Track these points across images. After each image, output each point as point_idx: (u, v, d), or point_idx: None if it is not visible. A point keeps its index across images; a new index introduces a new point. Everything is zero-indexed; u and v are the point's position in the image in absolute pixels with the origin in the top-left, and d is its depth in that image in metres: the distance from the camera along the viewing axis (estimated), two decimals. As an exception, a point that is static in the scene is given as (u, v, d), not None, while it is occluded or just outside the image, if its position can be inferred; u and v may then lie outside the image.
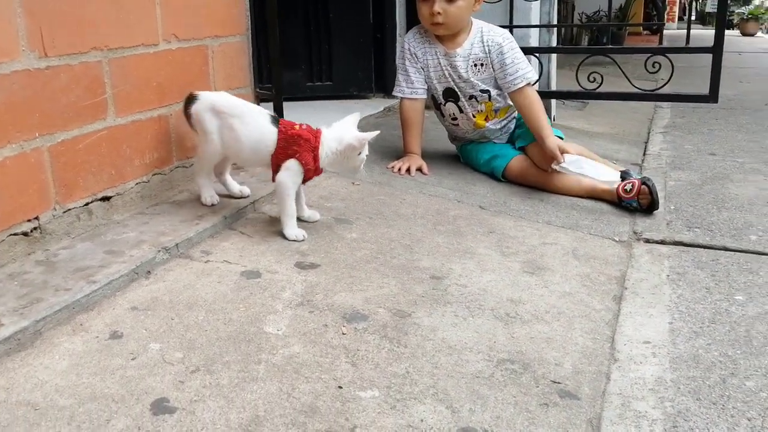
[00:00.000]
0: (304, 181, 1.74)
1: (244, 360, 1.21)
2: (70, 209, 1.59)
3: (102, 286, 1.38)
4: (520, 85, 2.29)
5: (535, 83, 2.42)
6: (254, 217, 1.86)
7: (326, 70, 3.46)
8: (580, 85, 2.91)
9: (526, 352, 1.29)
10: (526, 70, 2.31)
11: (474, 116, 2.43)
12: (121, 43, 1.67)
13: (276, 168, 1.71)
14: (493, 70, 2.35)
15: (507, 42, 2.33)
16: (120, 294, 1.41)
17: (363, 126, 2.63)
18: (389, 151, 2.55)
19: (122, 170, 1.73)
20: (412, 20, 3.43)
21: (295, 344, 1.27)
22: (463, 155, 2.55)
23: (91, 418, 1.04)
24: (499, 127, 2.48)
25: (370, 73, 3.48)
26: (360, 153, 1.73)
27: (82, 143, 1.60)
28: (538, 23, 3.26)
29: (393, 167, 2.35)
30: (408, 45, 2.41)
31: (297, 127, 1.72)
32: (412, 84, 2.40)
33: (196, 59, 1.95)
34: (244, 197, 1.89)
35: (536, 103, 2.31)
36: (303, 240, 1.71)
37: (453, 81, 2.39)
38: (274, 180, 1.71)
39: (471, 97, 2.40)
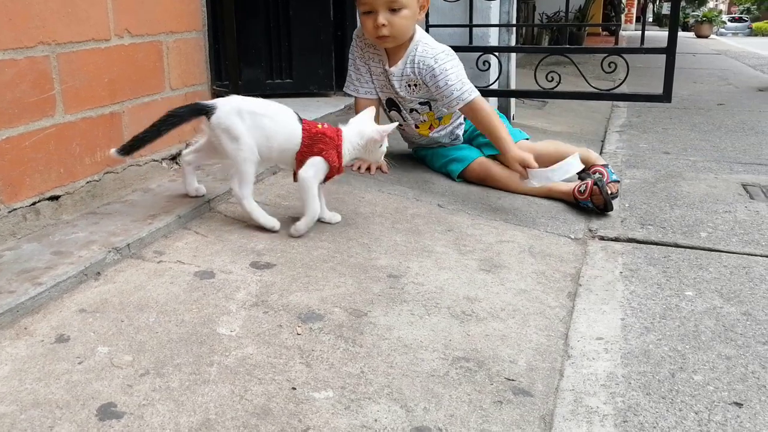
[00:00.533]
0: (326, 179, 1.74)
1: (195, 362, 1.19)
2: (15, 209, 1.54)
3: (48, 288, 1.34)
4: (458, 106, 2.18)
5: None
6: (210, 216, 1.83)
7: (286, 67, 3.43)
8: (538, 84, 2.93)
9: (481, 349, 1.29)
10: (462, 90, 2.16)
11: (417, 127, 2.41)
12: (70, 37, 1.63)
13: (300, 166, 1.71)
14: (430, 92, 2.27)
15: (439, 64, 2.18)
16: (67, 296, 1.38)
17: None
18: (348, 149, 2.53)
19: (72, 169, 1.69)
20: (372, 18, 3.42)
21: (249, 345, 1.25)
22: (419, 158, 2.55)
23: (34, 425, 1.01)
24: (444, 133, 2.43)
25: (330, 71, 3.46)
26: (381, 145, 1.77)
27: (29, 140, 1.55)
28: (497, 23, 3.28)
29: (352, 165, 2.33)
30: (356, 42, 2.35)
31: (320, 126, 1.73)
32: (366, 84, 2.36)
33: (149, 55, 1.91)
34: (199, 196, 1.86)
35: (486, 116, 2.17)
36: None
37: (393, 95, 2.35)
38: (295, 179, 1.74)
39: (412, 110, 2.37)
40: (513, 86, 3.41)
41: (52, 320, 1.29)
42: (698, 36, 18.32)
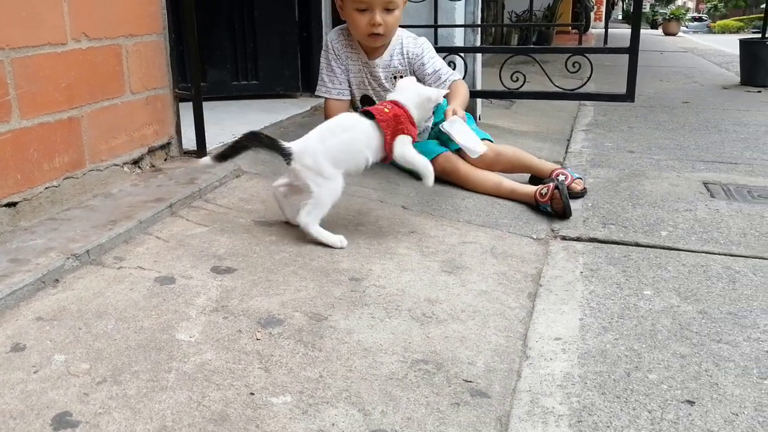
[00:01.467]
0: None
1: (153, 369, 1.19)
2: (-29, 216, 1.52)
3: (4, 296, 1.33)
4: (447, 87, 2.31)
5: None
6: (171, 221, 1.82)
7: (252, 68, 3.42)
8: (503, 84, 2.95)
9: (440, 351, 1.30)
10: (447, 74, 2.35)
11: None
12: (26, 42, 1.61)
13: (389, 149, 1.83)
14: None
15: (426, 51, 2.36)
16: (24, 304, 1.36)
17: (287, 126, 2.62)
18: (314, 151, 2.53)
19: (29, 175, 1.66)
20: (338, 19, 3.42)
21: (208, 351, 1.25)
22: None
23: (-15, 436, 0.99)
24: None
25: (296, 72, 3.46)
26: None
27: (-16, 147, 1.53)
28: (462, 23, 3.29)
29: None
30: (332, 45, 2.39)
31: (386, 109, 1.82)
32: (340, 84, 2.40)
33: (108, 59, 1.89)
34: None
35: (456, 91, 2.29)
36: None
37: (372, 89, 2.40)
38: (386, 161, 1.87)
39: None
40: (479, 86, 3.42)
41: (7, 329, 1.27)
42: (666, 33, 18.57)
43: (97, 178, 1.89)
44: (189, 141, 2.27)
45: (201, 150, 2.25)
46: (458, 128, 2.09)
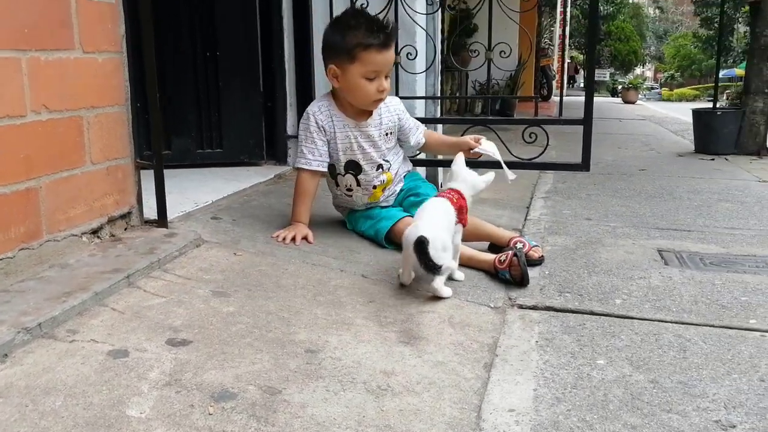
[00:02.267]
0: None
1: (101, 447, 1.16)
2: None
3: (-51, 373, 1.30)
4: (422, 138, 2.65)
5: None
6: (128, 292, 1.81)
7: (216, 137, 3.46)
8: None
9: (394, 426, 1.30)
10: (418, 125, 2.67)
11: (374, 188, 2.52)
12: (-17, 115, 1.62)
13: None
14: (397, 139, 2.59)
15: (403, 107, 2.63)
16: (-30, 380, 1.33)
17: (250, 194, 2.65)
18: (278, 219, 2.55)
19: (-17, 246, 1.65)
20: (303, 90, 3.50)
21: (158, 428, 1.23)
22: (350, 222, 2.59)
23: None
24: (389, 191, 2.58)
25: (261, 141, 3.51)
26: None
27: (-63, 219, 1.52)
28: (423, 95, 3.39)
29: (278, 236, 2.35)
30: (315, 118, 2.43)
31: (454, 199, 2.12)
32: (320, 157, 2.44)
33: (69, 130, 1.91)
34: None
35: (435, 135, 2.77)
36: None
37: (362, 151, 2.46)
38: None
39: (378, 167, 2.49)
40: (441, 156, 3.49)
41: (-50, 407, 1.24)
42: (625, 102, 19.22)
43: (54, 248, 1.88)
44: (150, 209, 2.28)
45: (162, 219, 2.25)
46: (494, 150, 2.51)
